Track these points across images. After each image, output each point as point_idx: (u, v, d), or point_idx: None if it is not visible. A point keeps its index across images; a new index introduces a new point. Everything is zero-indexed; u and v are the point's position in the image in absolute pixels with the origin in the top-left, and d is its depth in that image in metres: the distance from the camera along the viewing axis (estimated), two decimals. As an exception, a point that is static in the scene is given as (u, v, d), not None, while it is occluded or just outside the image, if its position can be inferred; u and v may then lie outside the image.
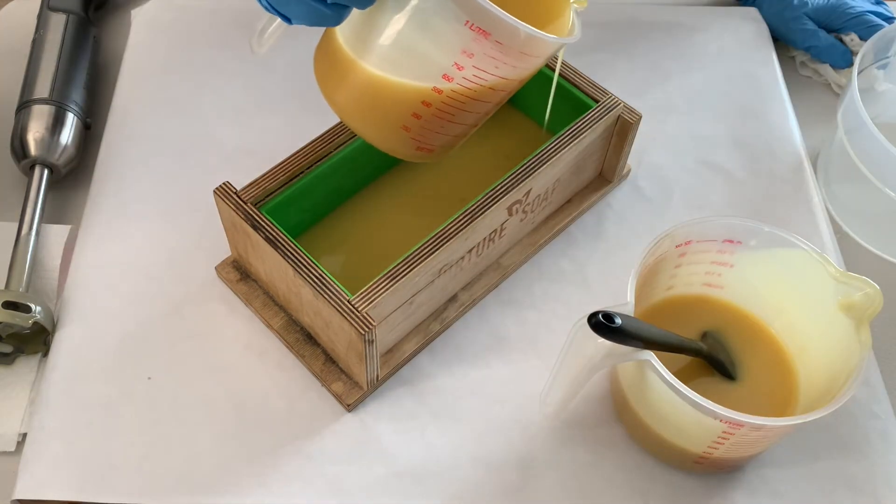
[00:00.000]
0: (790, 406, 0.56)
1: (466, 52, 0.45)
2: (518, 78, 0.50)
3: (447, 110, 0.48)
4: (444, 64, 0.46)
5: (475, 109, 0.50)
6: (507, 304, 0.63)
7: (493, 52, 0.45)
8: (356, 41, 0.48)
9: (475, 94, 0.48)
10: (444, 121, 0.49)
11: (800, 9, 0.78)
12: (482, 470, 0.56)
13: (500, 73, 0.47)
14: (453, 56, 0.45)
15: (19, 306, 0.58)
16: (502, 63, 0.47)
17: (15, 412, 0.57)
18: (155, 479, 0.55)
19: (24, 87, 0.69)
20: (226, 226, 0.59)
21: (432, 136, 0.50)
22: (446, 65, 0.46)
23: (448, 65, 0.46)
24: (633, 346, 0.48)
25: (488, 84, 0.48)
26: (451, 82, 0.47)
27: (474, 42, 0.45)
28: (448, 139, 0.51)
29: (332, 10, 0.45)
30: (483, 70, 0.47)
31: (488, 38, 0.44)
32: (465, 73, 0.46)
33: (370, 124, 0.50)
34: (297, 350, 0.59)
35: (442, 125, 0.49)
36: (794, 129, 0.74)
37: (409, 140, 0.50)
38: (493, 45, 0.45)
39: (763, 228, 0.55)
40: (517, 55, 0.46)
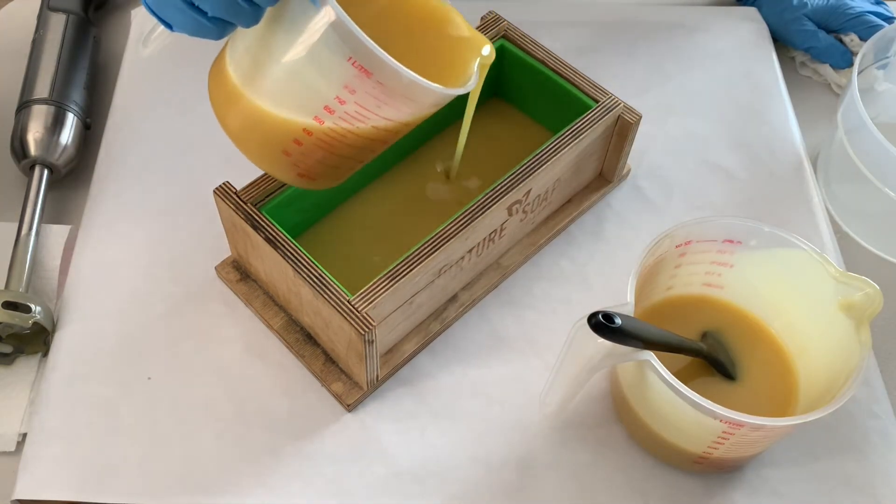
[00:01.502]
0: (790, 406, 0.56)
1: (349, 87, 0.44)
2: (406, 121, 0.49)
3: (328, 142, 0.47)
4: (326, 96, 0.45)
5: (359, 145, 0.49)
6: (507, 304, 0.63)
7: (375, 92, 0.45)
8: (242, 61, 0.47)
9: (359, 131, 0.47)
10: (325, 152, 0.48)
11: (799, 9, 0.78)
12: (482, 470, 0.56)
13: (384, 114, 0.47)
14: (335, 90, 0.45)
15: (19, 306, 0.58)
16: (385, 104, 0.46)
17: (15, 412, 0.57)
18: (155, 479, 0.55)
19: (24, 87, 0.69)
20: (226, 226, 0.59)
21: (314, 164, 0.49)
22: (329, 97, 0.45)
23: (330, 97, 0.45)
24: (633, 346, 0.48)
25: (372, 122, 0.47)
26: (332, 114, 0.46)
27: (356, 79, 0.44)
28: (332, 170, 0.50)
29: (213, 23, 0.44)
30: (365, 108, 0.46)
31: (370, 78, 0.44)
32: (346, 107, 0.45)
33: (251, 145, 0.49)
34: (297, 350, 0.59)
35: (323, 156, 0.48)
36: (794, 129, 0.74)
37: (290, 166, 0.49)
38: (376, 85, 0.44)
39: (763, 228, 0.55)
40: (401, 98, 0.46)
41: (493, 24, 0.65)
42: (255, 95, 0.46)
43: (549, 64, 0.64)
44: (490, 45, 0.54)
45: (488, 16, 0.66)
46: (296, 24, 0.44)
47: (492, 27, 0.65)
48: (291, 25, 0.44)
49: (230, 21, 0.43)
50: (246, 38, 0.47)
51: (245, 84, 0.47)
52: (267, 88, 0.46)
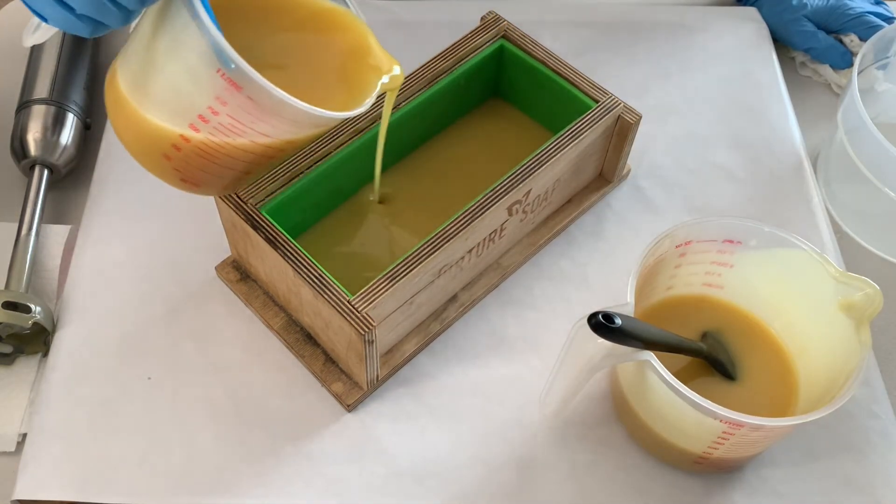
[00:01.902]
0: (790, 406, 0.56)
1: (220, 99, 0.44)
2: (289, 139, 0.48)
3: (207, 151, 0.47)
4: (199, 105, 0.45)
5: (242, 158, 0.48)
6: (507, 304, 0.63)
7: (247, 107, 0.44)
8: (128, 65, 0.47)
9: (238, 143, 0.46)
10: (205, 160, 0.47)
11: (799, 10, 0.78)
12: (482, 470, 0.56)
13: (260, 130, 0.46)
14: (207, 100, 0.44)
15: (19, 306, 0.58)
16: (259, 120, 0.45)
17: (15, 412, 0.57)
18: (155, 479, 0.55)
19: (24, 87, 0.69)
20: (226, 226, 0.59)
21: (195, 171, 0.49)
22: (202, 106, 0.45)
23: (203, 107, 0.45)
24: (633, 346, 0.48)
25: (249, 137, 0.46)
26: (207, 124, 0.45)
27: (227, 92, 0.43)
28: (216, 178, 0.50)
29: (83, 20, 0.43)
30: (239, 121, 0.45)
31: (240, 92, 0.43)
32: (220, 119, 0.45)
33: (134, 147, 0.49)
34: (297, 350, 0.59)
35: (204, 164, 0.48)
36: (794, 129, 0.74)
37: (171, 170, 0.48)
38: (246, 100, 0.44)
39: (763, 228, 0.55)
40: (275, 116, 0.45)
41: (493, 24, 0.65)
42: (137, 99, 0.46)
43: (549, 64, 0.64)
44: (399, 67, 0.52)
45: (488, 16, 0.66)
46: (173, 32, 0.44)
47: (492, 27, 0.65)
48: (169, 33, 0.44)
49: (99, 20, 0.43)
50: (133, 42, 0.47)
51: (128, 87, 0.47)
52: (147, 93, 0.46)
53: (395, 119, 0.61)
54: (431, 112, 0.64)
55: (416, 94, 0.62)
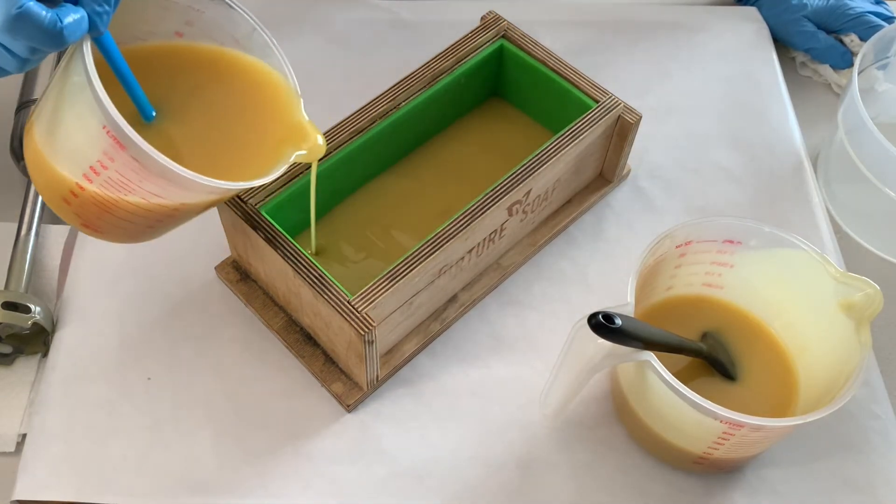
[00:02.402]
0: (790, 406, 0.56)
1: (107, 154, 0.44)
2: (181, 202, 0.47)
3: (101, 202, 0.47)
4: (90, 158, 0.45)
5: (140, 213, 0.47)
6: (507, 305, 0.63)
7: (133, 166, 0.44)
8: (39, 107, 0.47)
9: (131, 199, 0.46)
10: (100, 209, 0.47)
11: (799, 10, 0.78)
12: (482, 470, 0.56)
13: (149, 189, 0.45)
14: (96, 154, 0.44)
15: (19, 306, 0.58)
16: (146, 180, 0.45)
17: (15, 412, 0.57)
18: (155, 479, 0.55)
19: (23, 87, 0.69)
20: (226, 226, 0.59)
21: (93, 219, 0.48)
22: (91, 159, 0.45)
23: (93, 160, 0.45)
24: (633, 346, 0.48)
25: (140, 195, 0.46)
26: (98, 176, 0.45)
27: (112, 149, 0.43)
28: (118, 229, 0.49)
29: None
30: (127, 179, 0.45)
31: (125, 151, 0.43)
32: (109, 173, 0.45)
33: (39, 186, 0.49)
34: (297, 350, 0.59)
35: (100, 213, 0.47)
36: (794, 129, 0.74)
37: (72, 214, 0.48)
38: (131, 160, 0.44)
39: (763, 228, 0.55)
40: (160, 179, 0.45)
41: (493, 24, 0.65)
42: (39, 141, 0.47)
43: (549, 64, 0.64)
44: (322, 138, 0.52)
45: (488, 16, 0.66)
46: (71, 83, 0.44)
47: (492, 27, 0.65)
48: (69, 84, 0.44)
49: None
50: (47, 89, 0.47)
51: (36, 129, 0.47)
52: (51, 140, 0.46)
53: (396, 119, 0.62)
54: (431, 112, 0.64)
55: (417, 94, 0.62)
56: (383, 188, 0.65)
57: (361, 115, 0.60)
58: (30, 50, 0.42)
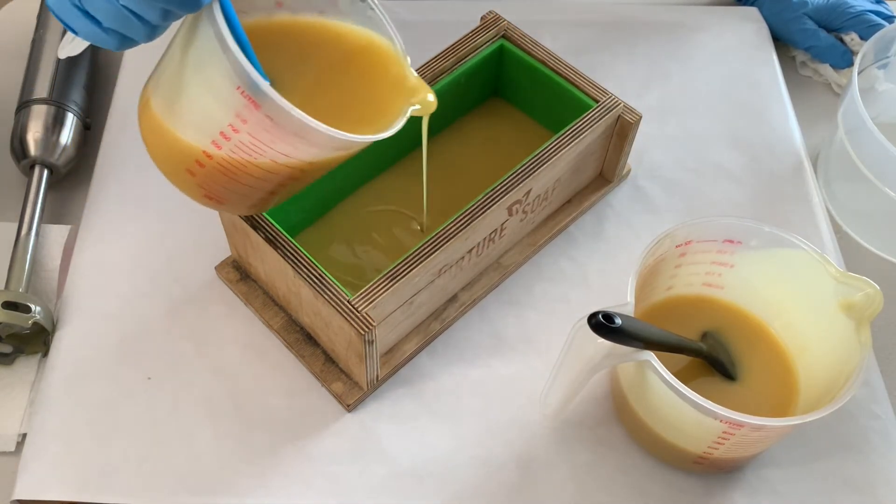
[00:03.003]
0: (790, 406, 0.56)
1: (240, 116, 0.44)
2: (310, 160, 0.47)
3: (229, 168, 0.47)
4: (221, 122, 0.45)
5: (264, 177, 0.48)
6: (507, 304, 0.63)
7: (266, 125, 0.44)
8: (156, 78, 0.48)
9: (259, 163, 0.47)
10: (227, 178, 0.48)
11: (800, 9, 0.78)
12: (482, 470, 0.56)
13: (280, 150, 0.46)
14: (228, 118, 0.44)
15: (19, 306, 0.58)
16: (279, 140, 0.45)
17: (15, 412, 0.57)
18: (155, 479, 0.55)
19: (23, 87, 0.69)
20: (226, 226, 0.59)
21: (218, 189, 0.49)
22: (222, 124, 0.45)
23: (224, 124, 0.45)
24: (633, 346, 0.48)
25: (270, 156, 0.46)
26: (228, 141, 0.45)
27: (246, 109, 0.44)
28: (240, 197, 0.50)
29: (110, 34, 0.43)
30: (259, 140, 0.45)
31: (259, 110, 0.43)
32: (241, 136, 0.45)
33: (159, 160, 0.49)
34: (297, 350, 0.59)
35: (226, 181, 0.48)
36: (794, 129, 0.74)
37: (195, 186, 0.49)
38: (265, 119, 0.44)
39: (763, 228, 0.55)
40: (294, 136, 0.45)
41: (493, 24, 0.65)
42: (165, 116, 0.47)
43: (549, 64, 0.64)
44: (432, 95, 0.52)
45: (488, 16, 0.66)
46: (199, 49, 0.44)
47: (492, 27, 0.65)
48: (196, 50, 0.44)
49: (125, 34, 0.43)
50: (163, 60, 0.48)
51: (157, 103, 0.47)
52: (174, 110, 0.47)
53: (395, 119, 0.62)
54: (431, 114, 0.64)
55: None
56: (383, 188, 0.65)
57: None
58: (163, 14, 0.42)
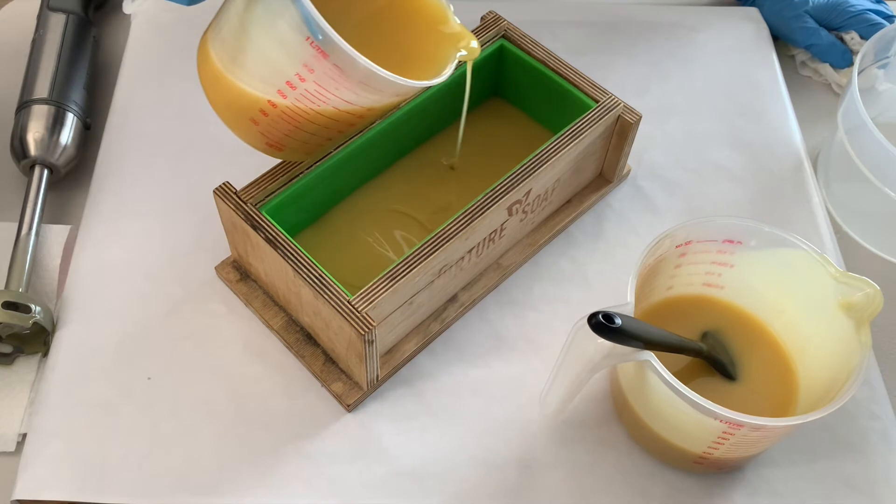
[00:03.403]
0: (790, 406, 0.56)
1: (307, 66, 0.46)
2: (370, 106, 0.50)
3: (293, 116, 0.49)
4: (287, 72, 0.47)
5: (325, 124, 0.50)
6: (507, 304, 0.63)
7: (332, 74, 0.46)
8: (218, 31, 0.50)
9: (321, 110, 0.49)
10: (290, 125, 0.50)
11: (800, 7, 0.78)
12: (482, 470, 0.56)
13: (344, 97, 0.48)
14: (295, 67, 0.46)
15: (19, 306, 0.58)
16: (343, 87, 0.47)
17: (15, 412, 0.57)
18: (155, 479, 0.55)
19: (23, 87, 0.69)
20: (226, 226, 0.59)
21: (280, 136, 0.51)
22: (289, 73, 0.47)
23: (291, 74, 0.47)
24: (633, 346, 0.48)
25: (333, 104, 0.48)
26: (294, 90, 0.47)
27: (314, 59, 0.45)
28: (300, 144, 0.52)
29: None
30: (325, 88, 0.47)
31: (327, 59, 0.45)
32: (306, 85, 0.47)
33: (222, 111, 0.51)
34: (297, 350, 0.59)
35: (289, 129, 0.50)
36: (794, 129, 0.74)
37: (258, 134, 0.51)
38: (333, 67, 0.45)
39: (763, 228, 0.55)
40: (359, 84, 0.47)
41: (493, 24, 0.65)
42: (228, 67, 0.49)
43: (549, 64, 0.64)
44: (476, 41, 0.55)
45: (488, 16, 0.66)
46: (266, 2, 0.46)
47: (492, 27, 0.65)
48: (262, 3, 0.46)
49: None
50: (225, 13, 0.49)
51: (220, 56, 0.49)
52: (239, 61, 0.48)
53: (396, 119, 0.61)
54: (431, 112, 0.64)
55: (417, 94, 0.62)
56: (383, 188, 0.65)
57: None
58: None
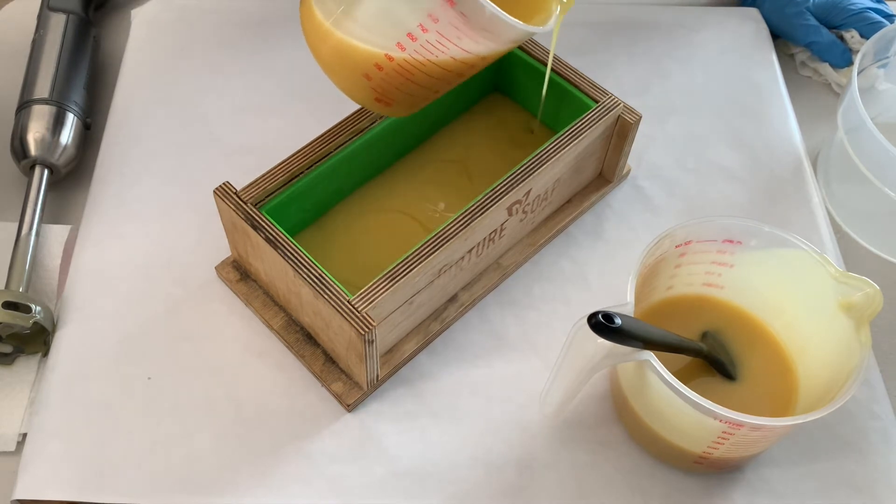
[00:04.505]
0: (790, 406, 0.56)
1: (432, 16, 0.47)
2: (483, 55, 0.52)
3: (408, 69, 0.51)
4: (410, 24, 0.48)
5: (437, 75, 0.52)
6: (507, 304, 0.63)
7: (456, 23, 0.47)
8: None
9: (437, 60, 0.50)
10: (404, 78, 0.51)
11: (801, 4, 0.78)
12: (482, 470, 0.56)
13: (463, 45, 0.49)
14: (420, 17, 0.48)
15: (19, 306, 0.58)
16: (465, 36, 0.49)
17: (15, 412, 0.57)
18: (155, 479, 0.55)
19: (24, 87, 0.69)
20: (226, 226, 0.59)
21: (392, 90, 0.52)
22: (412, 25, 0.48)
23: (413, 25, 0.48)
24: (633, 346, 0.48)
25: (451, 53, 0.50)
26: (414, 42, 0.49)
27: (441, 8, 0.47)
28: (408, 97, 0.54)
29: None
30: (446, 37, 0.48)
31: (454, 7, 0.46)
32: (428, 35, 0.48)
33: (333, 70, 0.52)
34: (297, 350, 0.59)
35: (402, 82, 0.52)
36: (794, 129, 0.74)
37: (369, 90, 0.52)
38: (458, 16, 0.47)
39: (763, 228, 0.55)
40: (481, 31, 0.48)
41: (493, 23, 0.65)
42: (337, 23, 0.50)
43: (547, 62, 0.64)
44: None
45: (488, 16, 0.66)
46: None
47: (492, 27, 0.65)
48: None
49: None
50: None
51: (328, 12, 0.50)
52: (354, 17, 0.50)
53: (396, 119, 0.61)
54: (431, 111, 0.64)
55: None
56: (383, 188, 0.65)
57: (362, 114, 0.60)
58: None
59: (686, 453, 0.54)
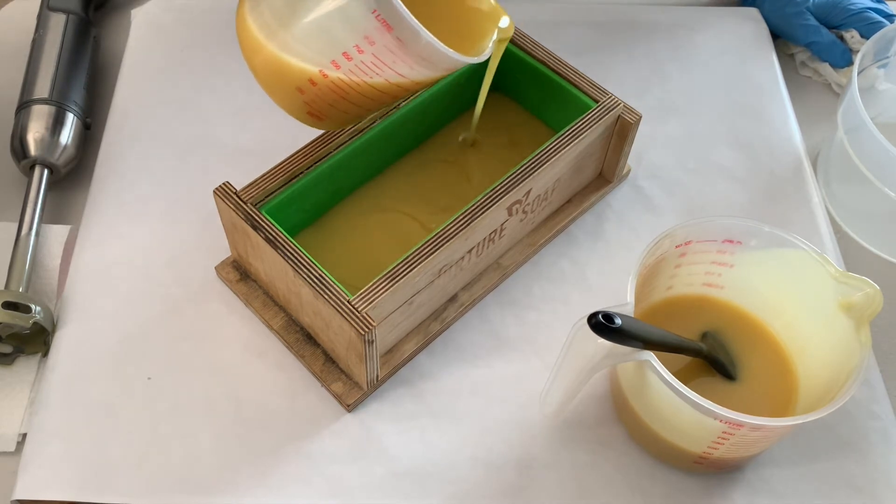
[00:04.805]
0: (790, 406, 0.56)
1: (369, 38, 0.47)
2: (418, 80, 0.52)
3: (342, 87, 0.50)
4: (346, 44, 0.48)
5: (371, 95, 0.52)
6: (507, 304, 0.63)
7: (392, 47, 0.47)
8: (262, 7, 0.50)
9: (372, 82, 0.50)
10: (337, 96, 0.51)
11: (802, 4, 0.78)
12: (482, 470, 0.56)
13: (398, 70, 0.49)
14: (356, 39, 0.48)
15: (19, 306, 0.58)
16: (400, 60, 0.48)
17: (15, 412, 0.57)
18: (155, 479, 0.55)
19: (24, 87, 0.69)
20: (226, 226, 0.59)
21: (325, 107, 0.52)
22: (347, 44, 0.48)
23: (349, 45, 0.48)
24: (633, 346, 0.48)
25: (385, 76, 0.50)
26: (349, 61, 0.49)
27: (377, 32, 0.47)
28: (341, 114, 0.53)
29: None
30: (381, 61, 0.48)
31: (391, 33, 0.47)
32: (363, 57, 0.48)
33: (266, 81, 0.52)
34: (297, 350, 0.59)
35: (335, 99, 0.51)
36: (794, 129, 0.74)
37: (302, 104, 0.52)
38: (394, 41, 0.47)
39: (763, 228, 0.55)
40: (417, 58, 0.48)
41: (493, 24, 0.65)
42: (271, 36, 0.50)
43: (549, 64, 0.64)
44: (508, 19, 0.56)
45: (488, 16, 0.66)
46: None
47: (492, 27, 0.65)
48: None
49: None
50: None
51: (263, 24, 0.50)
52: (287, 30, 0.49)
53: (396, 119, 0.62)
54: (431, 111, 0.64)
55: (416, 95, 0.62)
56: (383, 188, 0.65)
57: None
58: None
59: (686, 453, 0.54)
